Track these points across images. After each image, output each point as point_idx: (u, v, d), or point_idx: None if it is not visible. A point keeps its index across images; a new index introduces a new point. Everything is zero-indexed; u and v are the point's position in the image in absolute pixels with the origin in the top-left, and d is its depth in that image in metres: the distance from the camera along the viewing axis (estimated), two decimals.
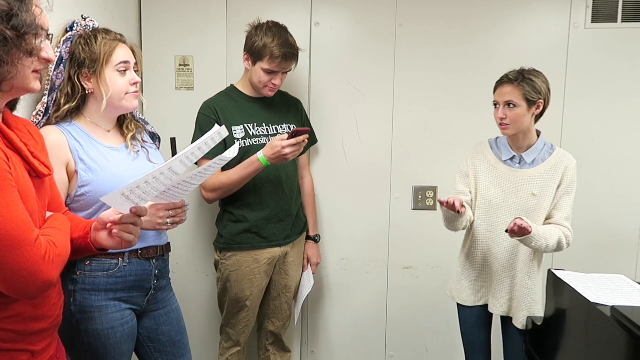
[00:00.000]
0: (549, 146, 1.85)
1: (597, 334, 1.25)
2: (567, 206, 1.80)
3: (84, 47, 1.45)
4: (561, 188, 1.79)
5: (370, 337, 2.48)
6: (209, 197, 2.03)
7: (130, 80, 1.50)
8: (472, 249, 1.92)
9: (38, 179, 1.10)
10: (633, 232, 2.30)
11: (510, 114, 1.76)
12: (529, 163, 1.83)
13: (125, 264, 1.49)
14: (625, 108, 2.24)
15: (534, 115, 1.80)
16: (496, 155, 1.88)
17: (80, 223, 1.24)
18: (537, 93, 1.75)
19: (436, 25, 2.27)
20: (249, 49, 1.97)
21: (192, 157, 1.21)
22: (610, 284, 1.42)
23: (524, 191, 1.82)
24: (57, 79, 1.45)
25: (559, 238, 1.74)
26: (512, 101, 1.76)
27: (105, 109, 1.47)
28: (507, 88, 1.77)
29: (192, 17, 2.28)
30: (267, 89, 2.01)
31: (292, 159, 1.89)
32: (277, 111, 2.11)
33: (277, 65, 1.94)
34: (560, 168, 1.79)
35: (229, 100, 2.04)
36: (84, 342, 1.44)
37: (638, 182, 2.28)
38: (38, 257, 0.98)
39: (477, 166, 1.90)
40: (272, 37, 1.92)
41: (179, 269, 2.36)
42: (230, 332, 2.14)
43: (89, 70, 1.45)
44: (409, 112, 2.33)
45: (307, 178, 2.29)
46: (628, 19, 2.20)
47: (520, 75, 1.77)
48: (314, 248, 2.28)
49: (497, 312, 1.88)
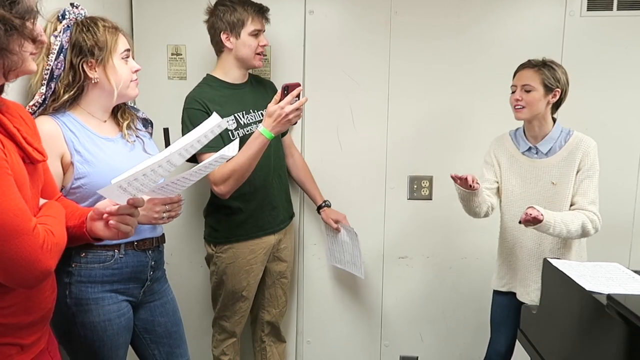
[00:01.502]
0: (565, 132, 1.86)
1: (592, 322, 1.26)
2: (590, 190, 1.80)
3: (87, 34, 1.41)
4: (581, 172, 1.81)
5: (366, 326, 2.49)
6: (222, 190, 1.86)
7: (132, 68, 1.48)
8: (501, 237, 1.99)
9: (31, 165, 1.08)
10: (627, 220, 2.31)
11: (527, 97, 1.81)
12: (545, 153, 1.85)
13: (122, 256, 1.47)
14: (620, 96, 2.24)
15: (549, 104, 1.82)
16: (516, 146, 1.92)
17: (75, 211, 1.22)
18: (555, 80, 1.80)
19: (431, 14, 2.26)
20: (225, 27, 1.94)
21: (191, 150, 1.19)
22: (605, 272, 1.42)
23: (544, 180, 1.84)
24: (57, 69, 1.41)
25: (582, 223, 1.75)
26: (529, 85, 1.80)
27: (113, 100, 1.45)
28: (528, 72, 1.82)
29: (183, 6, 2.25)
30: (257, 57, 1.99)
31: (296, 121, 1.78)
32: (261, 95, 2.08)
33: (259, 22, 1.97)
34: (579, 153, 1.81)
35: (213, 90, 1.99)
36: (80, 334, 1.43)
37: (632, 170, 2.29)
38: (36, 246, 0.97)
39: (499, 157, 1.95)
40: (238, 3, 1.94)
41: (174, 260, 2.35)
42: (225, 324, 2.14)
43: (95, 59, 1.41)
44: (404, 102, 2.32)
45: (296, 154, 2.28)
46: (624, 7, 2.19)
47: (542, 62, 1.82)
48: (333, 210, 2.26)
49: (527, 301, 1.88)
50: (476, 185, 1.76)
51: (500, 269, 1.99)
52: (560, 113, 1.94)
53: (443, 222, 2.38)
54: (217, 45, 2.00)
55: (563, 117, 2.23)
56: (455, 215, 2.20)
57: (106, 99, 1.47)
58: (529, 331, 1.67)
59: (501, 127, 2.03)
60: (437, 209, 2.36)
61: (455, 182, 1.79)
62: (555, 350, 1.44)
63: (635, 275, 1.38)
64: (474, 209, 1.87)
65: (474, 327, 2.39)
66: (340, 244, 2.27)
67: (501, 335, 2.01)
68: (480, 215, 1.90)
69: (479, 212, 1.88)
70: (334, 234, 2.28)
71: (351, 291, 2.46)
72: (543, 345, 1.53)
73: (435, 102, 2.31)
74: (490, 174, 1.97)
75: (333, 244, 2.31)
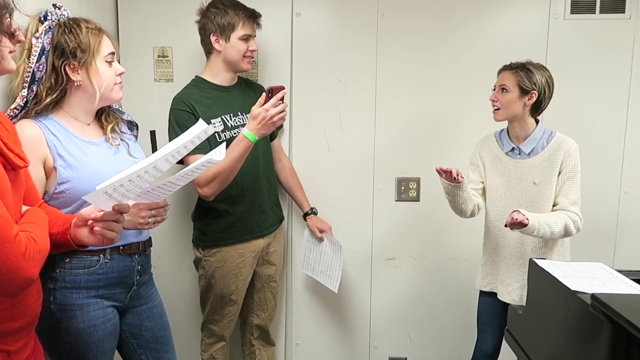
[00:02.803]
0: (548, 133, 1.89)
1: (577, 321, 1.27)
2: (572, 191, 1.83)
3: (69, 36, 1.39)
4: (563, 174, 1.83)
5: (354, 328, 2.49)
6: (207, 193, 1.85)
7: (116, 71, 1.46)
8: (485, 236, 2.01)
9: (13, 171, 1.06)
10: (610, 220, 2.35)
11: (502, 98, 1.85)
12: (527, 153, 1.87)
13: (107, 261, 1.46)
14: (604, 97, 2.27)
15: (526, 106, 1.84)
16: (500, 147, 1.94)
17: (58, 218, 1.20)
18: (531, 83, 1.82)
19: (417, 17, 2.27)
20: (215, 29, 1.93)
21: (177, 156, 1.18)
22: (589, 272, 1.44)
23: (526, 181, 1.87)
24: (39, 71, 1.38)
25: (565, 224, 1.78)
26: (505, 85, 1.84)
27: (95, 103, 1.43)
28: (506, 74, 1.86)
29: (170, 7, 2.23)
30: (246, 60, 1.98)
31: (281, 124, 1.78)
32: (249, 98, 2.06)
33: (250, 27, 1.95)
34: (560, 154, 1.83)
35: (200, 92, 1.98)
36: (65, 341, 1.41)
37: (615, 171, 2.33)
38: (18, 254, 0.95)
39: (483, 158, 1.97)
40: (231, 6, 1.93)
41: (161, 263, 2.33)
42: (214, 328, 2.12)
43: (77, 61, 1.39)
44: (391, 103, 2.33)
45: (284, 159, 2.27)
46: (606, 10, 2.23)
47: (521, 65, 1.85)
48: (318, 218, 2.26)
49: (507, 300, 1.90)
50: (461, 178, 1.79)
51: (483, 268, 2.02)
52: (544, 114, 1.96)
53: (431, 224, 2.39)
54: (207, 46, 1.99)
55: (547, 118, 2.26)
56: (443, 217, 2.22)
57: (89, 101, 1.45)
58: (515, 331, 1.68)
59: (487, 128, 2.05)
60: (425, 210, 2.38)
61: (441, 175, 1.81)
62: (541, 350, 1.45)
63: (619, 275, 1.40)
64: (459, 205, 1.88)
65: (462, 327, 2.41)
66: (319, 253, 2.27)
67: (487, 335, 2.03)
68: (466, 213, 1.91)
69: (465, 209, 1.90)
70: (315, 242, 2.28)
71: (340, 293, 2.45)
72: (529, 345, 1.55)
73: (422, 105, 2.32)
74: (475, 174, 1.99)
75: (311, 252, 2.30)
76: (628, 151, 2.31)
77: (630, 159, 2.31)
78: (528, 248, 1.88)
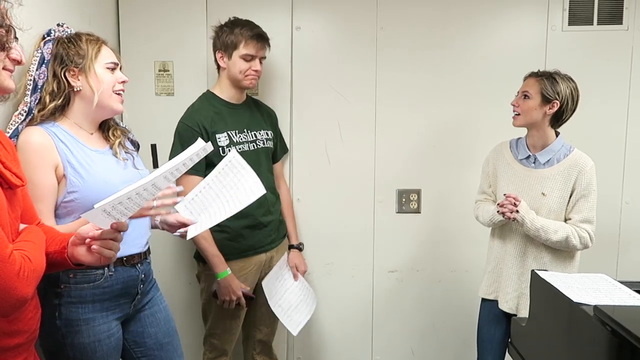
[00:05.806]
0: (566, 147, 1.87)
1: (580, 333, 1.26)
2: (585, 209, 1.82)
3: (68, 45, 1.42)
4: (577, 192, 1.82)
5: (357, 341, 2.47)
6: None
7: (118, 79, 1.48)
8: (491, 242, 2.00)
9: (10, 190, 1.06)
10: (613, 231, 2.34)
11: (523, 104, 1.84)
12: (542, 163, 1.87)
13: (111, 273, 1.45)
14: (602, 109, 2.28)
15: (547, 115, 1.82)
16: (514, 155, 1.94)
17: (56, 236, 1.19)
18: (554, 92, 1.80)
19: (417, 29, 2.29)
20: (221, 46, 1.99)
21: (176, 173, 1.18)
22: (592, 283, 1.43)
23: (535, 190, 1.86)
24: (40, 79, 1.41)
25: (566, 236, 1.78)
26: (527, 92, 1.83)
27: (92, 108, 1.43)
28: (530, 80, 1.85)
29: (171, 22, 2.26)
30: (248, 78, 2.00)
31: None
32: (255, 117, 2.12)
33: (253, 47, 1.97)
34: (574, 171, 1.82)
35: (211, 107, 2.02)
36: (69, 356, 1.40)
37: (616, 181, 2.33)
38: (12, 273, 0.94)
39: (496, 165, 1.97)
40: (239, 25, 1.97)
41: (162, 278, 2.31)
42: (216, 342, 2.11)
43: (76, 67, 1.41)
44: (391, 115, 2.34)
45: (283, 187, 2.27)
46: (603, 22, 2.25)
47: (547, 73, 1.84)
48: (300, 256, 2.25)
49: (505, 308, 1.90)
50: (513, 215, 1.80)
51: (488, 276, 2.00)
52: None
53: (432, 235, 2.39)
54: (216, 62, 2.05)
55: None
56: (444, 228, 2.21)
57: (89, 107, 1.45)
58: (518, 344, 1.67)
59: (487, 139, 2.06)
60: (426, 222, 2.37)
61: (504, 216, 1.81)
62: None
63: (622, 286, 1.39)
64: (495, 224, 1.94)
65: (464, 339, 2.39)
66: (285, 289, 2.14)
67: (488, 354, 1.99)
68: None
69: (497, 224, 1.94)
70: (284, 275, 2.17)
71: (341, 306, 2.45)
72: (533, 357, 1.53)
73: (422, 116, 2.33)
74: (487, 185, 2.01)
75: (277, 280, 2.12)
76: (628, 162, 2.32)
77: (630, 169, 2.32)
78: (530, 257, 1.87)
